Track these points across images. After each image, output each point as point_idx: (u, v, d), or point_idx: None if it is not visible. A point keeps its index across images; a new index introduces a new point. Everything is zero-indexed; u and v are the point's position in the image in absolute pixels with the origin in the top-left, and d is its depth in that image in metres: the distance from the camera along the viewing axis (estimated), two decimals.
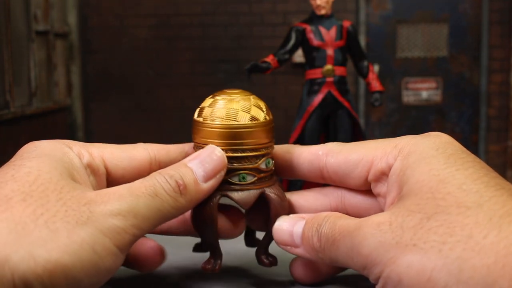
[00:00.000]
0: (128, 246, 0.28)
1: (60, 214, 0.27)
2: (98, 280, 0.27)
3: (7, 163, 0.30)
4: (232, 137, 0.33)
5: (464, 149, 0.31)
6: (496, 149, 2.85)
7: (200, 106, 0.35)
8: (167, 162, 0.36)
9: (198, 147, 0.35)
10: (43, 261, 0.25)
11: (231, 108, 0.34)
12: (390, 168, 0.32)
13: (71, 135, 2.85)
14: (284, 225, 0.33)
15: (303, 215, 0.34)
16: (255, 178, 0.34)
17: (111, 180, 0.35)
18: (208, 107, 0.34)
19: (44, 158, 0.30)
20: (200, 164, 0.32)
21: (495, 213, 0.26)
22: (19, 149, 0.32)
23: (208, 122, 0.34)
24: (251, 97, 0.35)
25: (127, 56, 2.90)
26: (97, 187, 0.33)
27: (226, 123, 0.33)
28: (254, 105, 0.34)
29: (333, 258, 0.30)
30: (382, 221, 0.28)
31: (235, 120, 0.33)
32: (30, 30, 2.41)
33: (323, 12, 0.76)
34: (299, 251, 0.32)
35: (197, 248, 0.37)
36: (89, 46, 2.93)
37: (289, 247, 0.33)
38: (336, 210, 0.35)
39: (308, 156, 0.35)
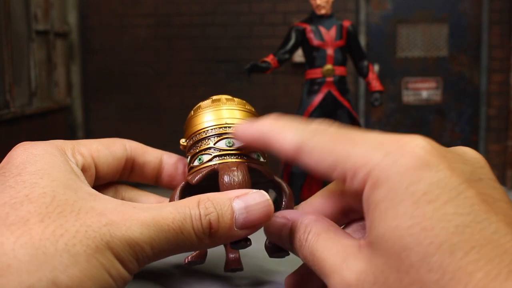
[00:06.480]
0: (137, 271, 0.29)
1: (79, 235, 0.26)
2: None
3: (4, 170, 0.29)
4: (223, 115, 0.36)
5: (443, 173, 0.25)
6: (496, 149, 2.85)
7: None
8: (140, 162, 0.37)
9: (191, 138, 0.36)
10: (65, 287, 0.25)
11: (216, 99, 0.37)
12: (360, 191, 0.27)
13: (71, 135, 2.85)
14: (271, 229, 0.32)
15: (287, 216, 0.31)
16: (265, 161, 0.36)
17: (97, 176, 0.35)
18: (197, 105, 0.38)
19: (54, 176, 0.29)
20: (245, 211, 0.30)
21: None
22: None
23: (200, 109, 0.37)
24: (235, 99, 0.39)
25: (127, 55, 2.90)
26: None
27: (216, 106, 0.36)
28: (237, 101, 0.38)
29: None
30: (353, 283, 0.26)
31: (223, 103, 0.37)
32: (30, 29, 2.41)
33: (323, 12, 0.76)
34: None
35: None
36: (89, 46, 2.93)
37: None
38: (344, 211, 0.32)
39: (285, 152, 0.31)
